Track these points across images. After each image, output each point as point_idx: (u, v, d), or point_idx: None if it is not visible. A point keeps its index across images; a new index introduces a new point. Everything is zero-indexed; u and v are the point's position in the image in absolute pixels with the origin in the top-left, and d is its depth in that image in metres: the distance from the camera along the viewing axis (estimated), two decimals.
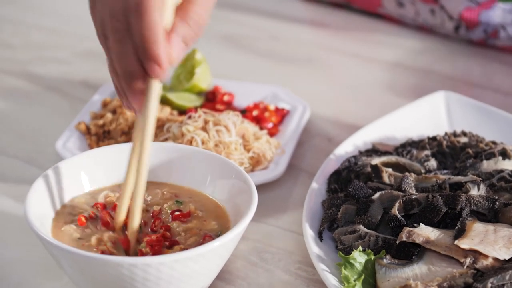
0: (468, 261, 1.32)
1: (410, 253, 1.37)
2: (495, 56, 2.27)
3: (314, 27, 2.47)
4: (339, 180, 1.60)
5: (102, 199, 1.46)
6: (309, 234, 1.46)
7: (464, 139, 1.70)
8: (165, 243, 1.36)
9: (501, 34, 2.21)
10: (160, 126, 1.78)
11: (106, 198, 1.46)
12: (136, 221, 1.36)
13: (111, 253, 1.33)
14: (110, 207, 1.44)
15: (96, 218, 1.41)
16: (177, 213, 1.42)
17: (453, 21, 2.26)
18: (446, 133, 1.73)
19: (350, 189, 1.52)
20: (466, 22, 2.22)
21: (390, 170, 1.60)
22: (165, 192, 1.48)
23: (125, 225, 1.38)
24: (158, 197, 1.47)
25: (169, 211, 1.43)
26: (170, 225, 1.39)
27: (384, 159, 1.62)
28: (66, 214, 1.42)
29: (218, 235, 1.37)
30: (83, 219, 1.40)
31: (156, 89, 1.30)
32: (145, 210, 1.43)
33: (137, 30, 1.25)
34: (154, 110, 1.32)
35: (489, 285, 1.28)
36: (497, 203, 1.42)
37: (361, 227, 1.44)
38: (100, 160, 1.49)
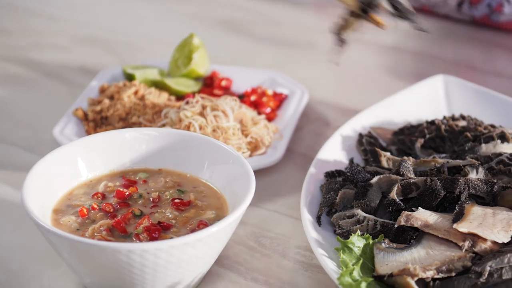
0: (466, 244, 1.32)
1: (408, 237, 1.37)
2: (496, 40, 2.26)
3: (313, 12, 2.46)
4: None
5: (102, 189, 1.45)
6: (307, 218, 1.46)
7: (462, 123, 1.70)
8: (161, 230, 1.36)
9: (506, 8, 2.20)
10: (158, 111, 1.78)
11: (106, 188, 1.46)
12: None
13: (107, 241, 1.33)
14: (110, 197, 1.44)
15: (98, 209, 1.41)
16: (177, 200, 1.42)
17: None
18: (444, 117, 1.73)
19: (348, 174, 1.52)
20: None
21: (388, 154, 1.60)
22: (168, 180, 1.47)
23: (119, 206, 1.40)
24: (160, 185, 1.47)
25: (169, 198, 1.43)
26: (167, 213, 1.39)
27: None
28: (65, 206, 1.42)
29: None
30: (84, 210, 1.39)
31: None
32: (146, 198, 1.43)
33: None
34: None
35: (488, 268, 1.27)
36: (495, 186, 1.42)
37: (360, 211, 1.44)
38: (98, 146, 1.49)
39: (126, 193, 1.43)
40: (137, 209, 1.39)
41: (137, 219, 1.38)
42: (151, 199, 1.43)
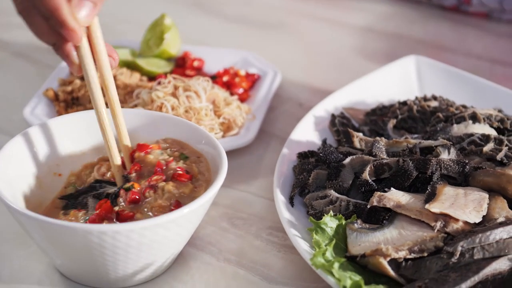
0: (438, 225, 1.32)
1: (381, 217, 1.37)
2: (466, 20, 2.27)
3: None
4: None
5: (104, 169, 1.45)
6: (280, 199, 1.46)
7: (434, 103, 1.70)
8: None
9: (474, 0, 2.21)
10: (130, 92, 1.76)
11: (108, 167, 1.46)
12: (127, 140, 1.41)
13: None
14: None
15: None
16: (179, 171, 1.40)
17: None
18: (416, 98, 1.73)
19: (321, 154, 1.52)
20: None
21: (360, 135, 1.60)
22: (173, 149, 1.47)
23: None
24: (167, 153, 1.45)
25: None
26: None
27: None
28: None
29: None
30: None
31: (85, 50, 1.32)
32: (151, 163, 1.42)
33: (38, 2, 1.26)
34: (93, 69, 1.34)
35: (459, 248, 1.28)
36: (467, 167, 1.43)
37: (332, 192, 1.44)
38: (69, 127, 1.48)
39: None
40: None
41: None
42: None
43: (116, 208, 1.33)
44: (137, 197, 1.34)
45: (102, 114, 1.37)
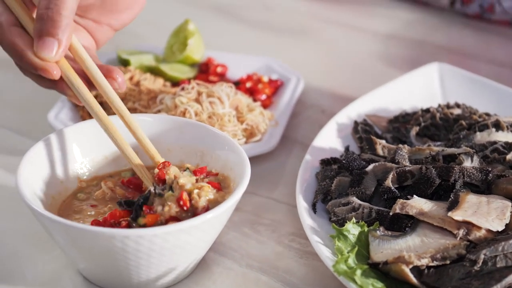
0: (461, 232, 1.32)
1: (403, 225, 1.37)
2: (489, 27, 2.27)
3: None
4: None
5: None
6: (303, 206, 1.46)
7: (457, 111, 1.70)
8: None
9: (497, 8, 2.21)
10: (153, 97, 1.77)
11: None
12: (159, 157, 1.40)
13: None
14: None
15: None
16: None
17: None
18: (439, 105, 1.73)
19: (344, 161, 1.52)
20: None
21: (383, 142, 1.60)
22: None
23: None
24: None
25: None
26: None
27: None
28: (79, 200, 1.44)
29: None
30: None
31: (72, 80, 1.35)
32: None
33: (12, 57, 1.34)
34: (86, 94, 1.37)
35: (482, 256, 1.28)
36: (490, 174, 1.42)
37: (355, 199, 1.44)
38: (93, 131, 1.48)
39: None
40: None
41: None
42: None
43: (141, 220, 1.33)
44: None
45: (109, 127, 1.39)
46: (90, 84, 1.38)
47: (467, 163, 1.46)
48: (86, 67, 1.37)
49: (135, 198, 1.39)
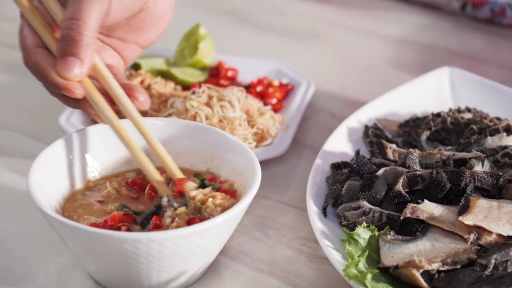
0: (472, 237, 1.32)
1: (414, 229, 1.37)
2: (500, 31, 2.26)
3: (319, 3, 2.46)
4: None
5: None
6: (313, 210, 1.46)
7: (468, 115, 1.70)
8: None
9: (508, 12, 2.20)
10: (164, 101, 1.78)
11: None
12: (179, 173, 1.40)
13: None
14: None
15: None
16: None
17: (459, 0, 2.25)
18: (450, 109, 1.73)
19: (354, 165, 1.52)
20: (473, 1, 2.22)
21: (394, 146, 1.60)
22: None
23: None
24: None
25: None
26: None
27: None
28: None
29: None
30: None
31: (95, 99, 1.36)
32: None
33: (38, 78, 1.36)
34: (107, 110, 1.38)
35: (493, 261, 1.28)
36: (501, 179, 1.42)
37: (365, 203, 1.44)
38: (104, 135, 1.49)
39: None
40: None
41: None
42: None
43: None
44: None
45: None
46: (113, 103, 1.38)
47: (478, 168, 1.46)
48: (108, 86, 1.38)
49: (140, 198, 1.41)
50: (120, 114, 1.40)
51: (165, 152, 1.41)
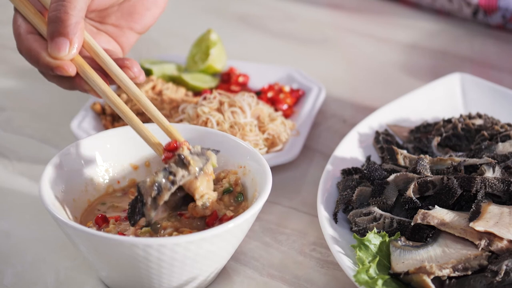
0: (483, 243, 1.32)
1: (424, 235, 1.37)
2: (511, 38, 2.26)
3: (330, 9, 2.46)
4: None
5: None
6: (324, 215, 1.46)
7: (479, 121, 1.70)
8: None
9: None
10: (175, 107, 1.78)
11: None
12: (179, 136, 1.40)
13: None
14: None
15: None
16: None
17: (470, 7, 2.25)
18: (461, 115, 1.72)
19: (365, 171, 1.52)
20: (484, 8, 2.22)
21: (405, 152, 1.60)
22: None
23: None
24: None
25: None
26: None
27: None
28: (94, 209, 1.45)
29: None
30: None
31: (87, 74, 1.37)
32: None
33: (32, 63, 1.38)
34: (102, 85, 1.38)
35: (504, 267, 1.27)
36: None
37: (376, 209, 1.44)
38: (115, 140, 1.50)
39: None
40: None
41: None
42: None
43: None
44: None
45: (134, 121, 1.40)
46: (107, 76, 1.39)
47: (489, 174, 1.46)
48: (101, 61, 1.39)
49: None
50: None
51: (162, 116, 1.41)
